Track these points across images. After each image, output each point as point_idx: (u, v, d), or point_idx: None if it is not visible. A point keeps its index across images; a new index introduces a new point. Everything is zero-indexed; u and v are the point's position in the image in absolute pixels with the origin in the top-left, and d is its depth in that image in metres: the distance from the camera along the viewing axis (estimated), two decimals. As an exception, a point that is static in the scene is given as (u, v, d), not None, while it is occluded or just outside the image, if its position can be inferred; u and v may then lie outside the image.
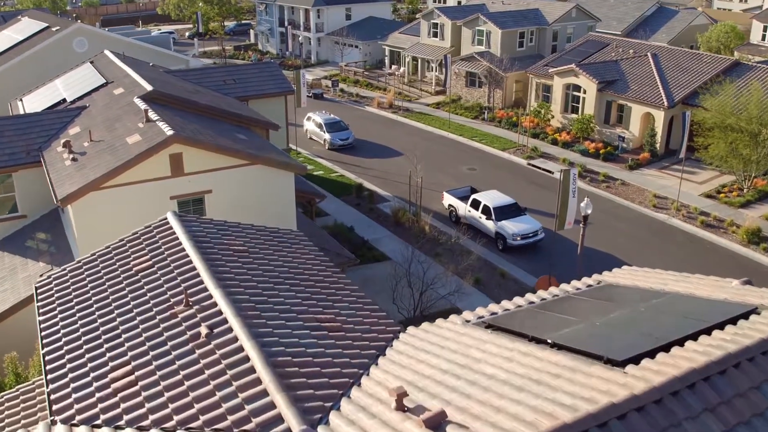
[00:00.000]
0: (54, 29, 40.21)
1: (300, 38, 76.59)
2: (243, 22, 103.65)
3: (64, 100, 28.13)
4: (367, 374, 9.93)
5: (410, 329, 11.67)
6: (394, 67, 69.77)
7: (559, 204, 26.63)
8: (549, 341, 9.43)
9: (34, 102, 29.97)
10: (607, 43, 55.15)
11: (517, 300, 12.57)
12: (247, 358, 9.60)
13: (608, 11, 73.77)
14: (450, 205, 36.37)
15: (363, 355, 10.56)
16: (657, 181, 42.88)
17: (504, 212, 33.49)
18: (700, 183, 42.40)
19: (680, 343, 8.98)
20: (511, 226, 32.74)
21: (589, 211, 25.64)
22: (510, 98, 57.88)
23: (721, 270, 31.38)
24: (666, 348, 8.86)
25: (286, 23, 77.23)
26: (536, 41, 61.05)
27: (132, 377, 9.74)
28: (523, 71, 55.90)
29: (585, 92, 49.80)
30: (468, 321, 11.40)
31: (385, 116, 57.38)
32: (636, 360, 8.52)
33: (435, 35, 64.75)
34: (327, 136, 48.33)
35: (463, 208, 35.27)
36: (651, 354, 8.67)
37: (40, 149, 23.38)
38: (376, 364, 10.31)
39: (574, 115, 50.72)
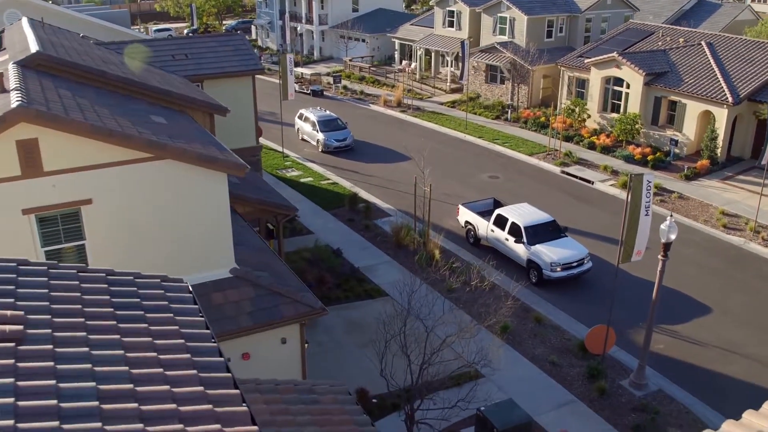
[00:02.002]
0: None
1: (300, 31, 68.70)
2: (245, 20, 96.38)
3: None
4: None
5: None
6: (404, 62, 61.95)
7: (625, 225, 18.55)
8: None
9: None
10: (652, 31, 47.01)
11: None
12: None
13: (643, 4, 65.62)
14: (467, 222, 28.30)
15: None
16: (721, 194, 34.66)
17: (539, 233, 25.41)
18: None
19: None
20: (549, 253, 24.62)
21: (672, 237, 17.55)
22: (537, 95, 49.81)
23: (836, 316, 23.17)
24: None
25: (288, 14, 69.49)
26: (566, 31, 53.00)
27: None
28: (553, 64, 47.85)
29: (628, 87, 41.66)
30: None
31: (392, 115, 49.51)
32: None
33: (451, 24, 56.86)
34: (321, 136, 40.50)
35: (485, 227, 27.19)
36: None
37: None
38: None
39: (614, 115, 42.59)
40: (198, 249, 14.79)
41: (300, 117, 43.16)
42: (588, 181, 36.34)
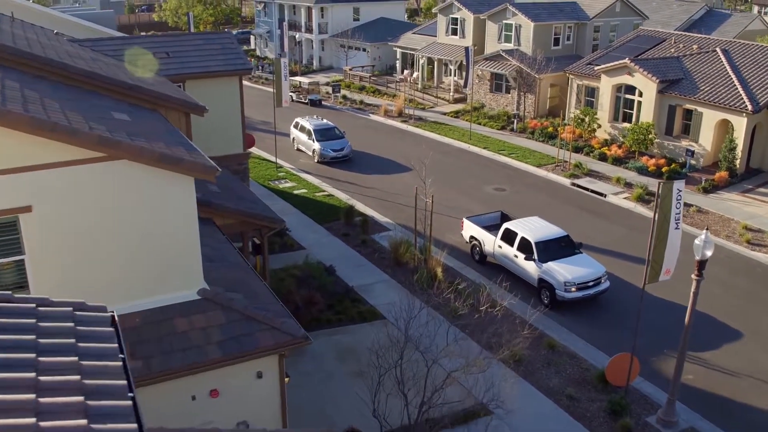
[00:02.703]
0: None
1: (299, 39, 66.77)
2: (245, 30, 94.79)
3: None
4: None
5: None
6: (406, 72, 59.99)
7: (652, 240, 16.33)
8: None
9: None
10: (664, 38, 45.01)
11: None
12: None
13: (651, 14, 63.74)
14: (472, 237, 26.08)
15: None
16: (742, 208, 32.48)
17: (551, 249, 23.18)
18: (805, 211, 31.98)
19: None
20: (563, 271, 22.37)
21: (708, 253, 15.33)
22: (544, 105, 47.76)
23: None
24: None
25: (287, 23, 67.69)
26: (574, 39, 51.02)
27: None
28: (561, 72, 45.82)
29: (641, 95, 39.57)
30: None
31: (393, 126, 47.45)
32: None
33: (454, 32, 54.91)
34: (317, 146, 38.38)
35: (491, 242, 24.96)
36: None
37: None
38: None
39: (626, 124, 40.49)
40: (159, 266, 12.61)
41: (295, 126, 41.08)
42: (600, 194, 34.16)
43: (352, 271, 24.57)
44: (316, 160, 38.45)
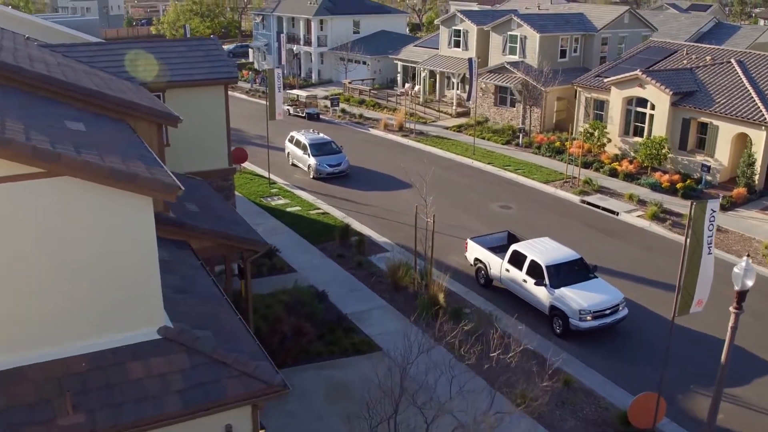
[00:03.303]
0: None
1: (297, 52, 65.12)
2: (243, 44, 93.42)
3: None
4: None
5: None
6: (407, 85, 58.25)
7: (683, 268, 14.35)
8: None
9: None
10: (675, 49, 43.25)
11: None
12: None
13: (659, 26, 62.09)
14: (477, 260, 24.12)
15: None
16: (763, 226, 30.57)
17: (564, 274, 21.21)
18: (832, 230, 30.01)
19: None
20: (577, 297, 20.39)
21: (750, 283, 13.36)
22: (550, 119, 45.94)
23: None
24: None
25: (284, 36, 66.09)
26: (581, 51, 49.29)
27: None
28: (569, 84, 44.06)
29: (653, 108, 37.74)
30: None
31: (393, 140, 45.65)
32: None
33: (457, 44, 53.24)
34: (312, 161, 36.53)
35: (498, 265, 23.01)
36: None
37: None
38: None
39: (637, 139, 38.64)
40: (110, 300, 10.68)
41: (291, 140, 39.26)
42: (612, 212, 32.23)
43: (347, 297, 22.59)
44: (311, 176, 36.59)
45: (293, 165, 38.81)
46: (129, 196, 10.46)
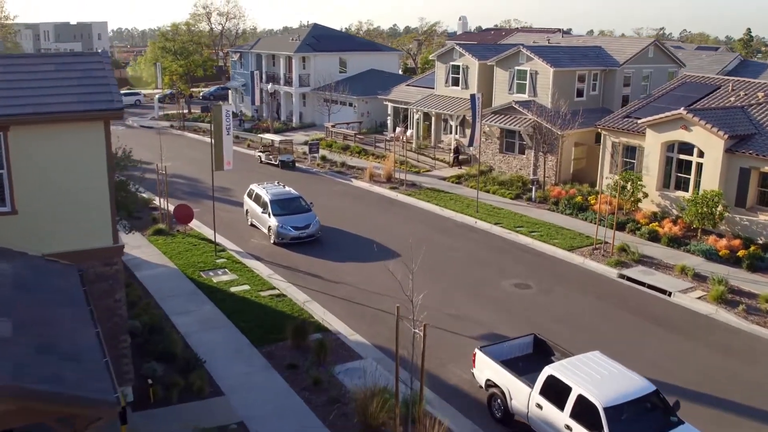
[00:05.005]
0: None
1: (271, 91, 57.87)
2: (225, 85, 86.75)
3: None
4: None
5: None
6: (399, 129, 50.91)
7: None
8: None
9: None
10: (718, 84, 35.98)
11: None
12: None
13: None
14: (491, 383, 16.08)
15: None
16: None
17: (632, 418, 13.27)
18: None
19: None
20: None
21: None
22: (567, 168, 38.45)
23: None
24: None
25: (260, 74, 58.99)
26: (600, 89, 42.06)
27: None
28: (591, 127, 36.72)
29: (701, 155, 30.25)
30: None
31: (380, 193, 38.05)
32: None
33: (455, 82, 46.02)
34: (273, 221, 28.78)
35: (524, 395, 15.01)
36: None
37: None
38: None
39: (681, 193, 31.08)
40: None
41: (249, 195, 31.56)
42: (662, 291, 24.40)
43: (290, 448, 14.57)
44: (272, 241, 28.80)
45: (252, 226, 31.07)
46: None
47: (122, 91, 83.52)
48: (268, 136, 47.41)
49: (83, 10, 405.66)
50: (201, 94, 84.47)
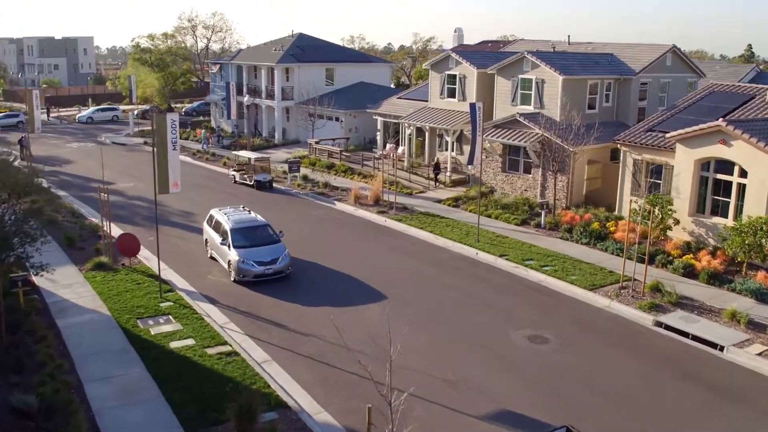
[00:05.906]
0: None
1: (248, 104, 53.15)
2: (208, 101, 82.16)
3: None
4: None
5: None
6: (390, 145, 46.23)
7: None
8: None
9: None
10: (752, 93, 31.35)
11: None
12: None
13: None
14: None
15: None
16: None
17: None
18: None
19: None
20: None
21: None
22: (579, 190, 33.72)
23: None
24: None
25: (237, 86, 54.31)
26: (614, 100, 37.46)
27: None
28: (606, 143, 32.10)
29: (744, 174, 25.57)
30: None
31: (365, 219, 33.25)
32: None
33: (452, 94, 41.38)
34: (233, 254, 23.86)
35: None
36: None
37: None
38: None
39: (720, 219, 26.39)
40: None
41: (209, 221, 26.70)
42: (712, 345, 19.55)
43: None
44: (232, 278, 23.89)
45: (212, 258, 26.18)
46: None
47: (100, 107, 78.99)
48: (244, 154, 42.66)
49: (75, 26, 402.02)
50: (184, 109, 79.86)
